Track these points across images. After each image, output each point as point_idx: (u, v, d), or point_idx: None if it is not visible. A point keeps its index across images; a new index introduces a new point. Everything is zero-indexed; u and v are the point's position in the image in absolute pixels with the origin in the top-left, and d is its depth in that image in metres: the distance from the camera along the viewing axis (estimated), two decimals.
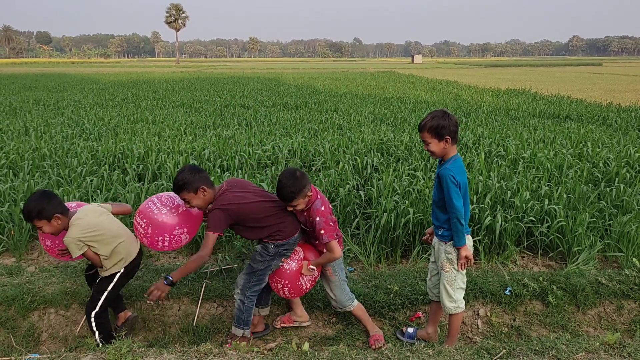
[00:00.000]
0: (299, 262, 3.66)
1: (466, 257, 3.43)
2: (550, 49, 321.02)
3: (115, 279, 3.58)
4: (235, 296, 3.68)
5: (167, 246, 3.62)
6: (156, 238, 3.56)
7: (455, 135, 3.33)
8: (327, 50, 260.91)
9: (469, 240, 3.51)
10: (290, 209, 3.48)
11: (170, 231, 3.55)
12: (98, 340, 3.56)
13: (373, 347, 3.75)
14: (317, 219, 3.45)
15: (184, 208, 3.59)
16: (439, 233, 3.52)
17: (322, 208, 3.48)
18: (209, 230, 3.35)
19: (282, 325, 4.02)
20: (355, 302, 3.84)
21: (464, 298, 3.62)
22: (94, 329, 3.57)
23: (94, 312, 3.54)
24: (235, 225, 3.54)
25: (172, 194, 3.60)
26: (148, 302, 3.31)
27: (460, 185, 3.32)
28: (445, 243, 3.50)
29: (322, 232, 3.46)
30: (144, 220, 3.56)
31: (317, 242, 3.64)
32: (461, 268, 3.48)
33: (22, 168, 6.97)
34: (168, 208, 3.58)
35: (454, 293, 3.54)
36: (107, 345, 3.02)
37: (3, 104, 15.64)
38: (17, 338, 3.87)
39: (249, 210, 3.46)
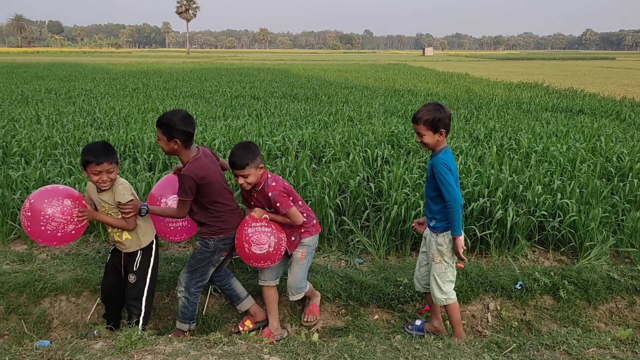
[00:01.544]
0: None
1: (459, 250, 3.41)
2: (564, 43, 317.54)
3: (154, 250, 3.60)
4: (178, 294, 3.66)
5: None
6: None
7: (449, 128, 3.38)
8: (337, 42, 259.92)
9: (447, 237, 3.50)
10: (241, 181, 3.51)
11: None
12: (141, 323, 3.58)
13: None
14: (270, 194, 3.56)
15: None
16: (431, 224, 3.52)
17: (274, 184, 3.59)
18: (180, 197, 3.41)
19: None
20: (302, 294, 3.87)
21: (455, 290, 3.62)
22: (143, 311, 3.58)
23: (145, 289, 3.56)
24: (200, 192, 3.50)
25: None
26: (121, 209, 3.36)
27: (453, 173, 3.34)
28: (437, 234, 3.48)
29: (278, 204, 3.56)
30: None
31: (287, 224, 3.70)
32: (461, 257, 3.46)
33: (34, 156, 7.01)
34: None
35: (443, 285, 3.53)
36: (117, 333, 3.04)
37: (15, 92, 15.75)
38: (28, 324, 3.91)
39: (212, 183, 3.49)
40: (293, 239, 3.76)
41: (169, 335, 3.36)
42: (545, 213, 5.10)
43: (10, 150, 7.34)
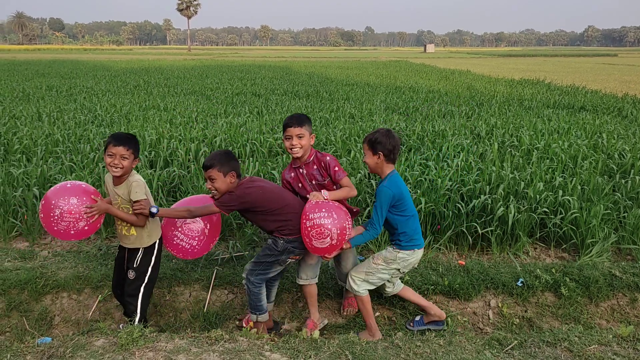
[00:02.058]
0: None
1: (328, 255, 3.47)
2: (565, 39, 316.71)
3: (156, 250, 3.60)
4: (243, 281, 3.68)
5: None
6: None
7: (390, 155, 3.44)
8: (338, 39, 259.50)
9: (421, 254, 3.62)
10: (295, 142, 3.50)
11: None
12: (137, 320, 3.57)
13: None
14: (327, 158, 3.56)
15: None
16: (394, 241, 3.60)
17: (329, 157, 3.59)
18: (217, 203, 3.42)
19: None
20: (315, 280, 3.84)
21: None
22: (138, 309, 3.57)
23: (142, 287, 3.57)
24: (246, 213, 3.54)
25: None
26: (133, 206, 3.36)
27: (399, 199, 3.42)
28: (393, 248, 3.57)
29: (337, 169, 3.54)
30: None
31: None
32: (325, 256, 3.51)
33: (36, 153, 7.01)
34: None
35: (362, 280, 3.59)
36: (119, 330, 3.04)
37: (17, 89, 15.75)
38: (30, 321, 3.92)
39: (265, 198, 3.46)
40: None
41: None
42: (546, 210, 5.09)
43: (12, 147, 7.35)
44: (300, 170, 3.65)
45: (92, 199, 3.37)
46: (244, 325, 3.77)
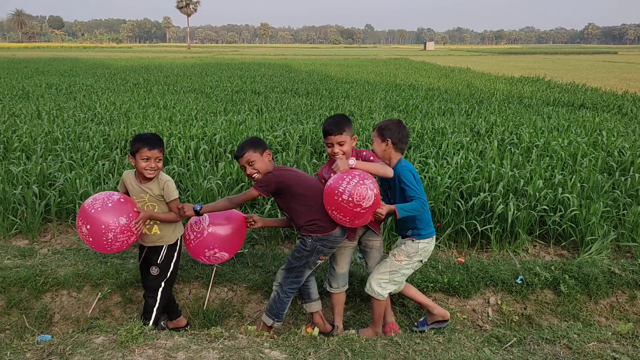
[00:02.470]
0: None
1: (380, 214, 3.35)
2: (565, 37, 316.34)
3: (178, 247, 3.61)
4: (274, 287, 3.59)
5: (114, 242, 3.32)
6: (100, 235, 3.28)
7: (399, 143, 3.44)
8: (338, 37, 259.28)
9: (428, 244, 3.55)
10: (337, 149, 3.42)
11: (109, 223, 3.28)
12: (154, 314, 3.58)
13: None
14: (364, 153, 3.51)
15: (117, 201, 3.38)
16: (407, 234, 3.57)
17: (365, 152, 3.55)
18: (255, 185, 3.38)
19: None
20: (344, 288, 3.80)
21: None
22: (156, 306, 3.57)
23: (164, 282, 3.57)
24: (281, 195, 3.46)
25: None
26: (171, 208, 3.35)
27: (413, 174, 3.41)
28: (413, 240, 3.52)
29: (372, 158, 3.47)
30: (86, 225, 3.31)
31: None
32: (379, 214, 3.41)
33: (35, 151, 7.01)
34: (100, 202, 3.34)
35: (388, 282, 3.55)
36: (118, 327, 3.05)
37: (16, 87, 15.74)
38: (30, 319, 3.92)
39: (300, 180, 3.45)
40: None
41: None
42: (546, 207, 5.09)
43: (11, 145, 7.35)
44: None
45: (135, 212, 3.35)
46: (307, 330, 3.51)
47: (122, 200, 3.36)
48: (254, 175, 3.41)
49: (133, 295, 4.13)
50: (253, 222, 3.71)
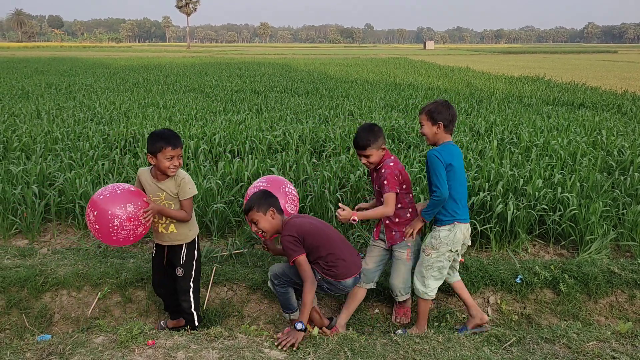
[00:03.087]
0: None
1: (413, 230, 3.54)
2: (565, 36, 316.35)
3: (197, 244, 3.61)
4: (269, 283, 3.61)
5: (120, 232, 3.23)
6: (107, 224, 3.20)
7: (449, 125, 3.44)
8: (338, 36, 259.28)
9: (466, 229, 3.55)
10: (364, 160, 3.55)
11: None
12: (196, 322, 3.60)
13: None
14: (383, 170, 3.54)
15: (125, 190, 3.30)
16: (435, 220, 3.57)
17: (392, 164, 3.55)
18: (292, 257, 3.25)
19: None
20: (409, 294, 3.82)
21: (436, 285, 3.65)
22: (192, 306, 3.59)
23: (192, 281, 3.58)
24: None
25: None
26: (280, 348, 2.97)
27: (447, 166, 3.38)
28: (439, 229, 3.52)
29: (385, 182, 3.49)
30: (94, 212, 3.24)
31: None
32: (404, 235, 3.58)
33: (35, 151, 7.01)
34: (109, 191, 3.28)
35: (427, 279, 3.56)
36: (118, 327, 3.05)
37: (16, 87, 15.73)
38: (29, 319, 3.92)
39: (314, 231, 3.38)
40: (393, 233, 3.67)
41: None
42: (545, 207, 5.09)
43: (11, 145, 7.35)
44: (373, 172, 3.71)
45: (144, 202, 3.28)
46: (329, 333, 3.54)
47: (132, 189, 3.32)
48: (260, 234, 3.42)
49: (133, 295, 4.13)
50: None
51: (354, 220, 3.48)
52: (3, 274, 4.09)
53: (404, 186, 3.60)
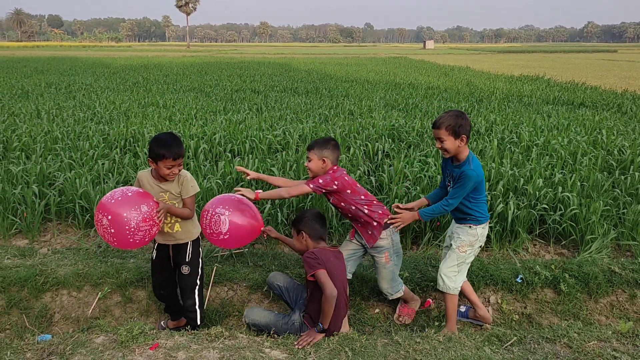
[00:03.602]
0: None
1: (402, 223, 3.54)
2: (565, 35, 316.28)
3: (200, 241, 3.62)
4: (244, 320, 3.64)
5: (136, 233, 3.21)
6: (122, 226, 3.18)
7: (469, 135, 3.42)
8: (338, 36, 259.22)
9: (484, 229, 3.59)
10: (306, 163, 3.60)
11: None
12: (199, 320, 3.62)
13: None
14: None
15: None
16: (470, 218, 3.57)
17: (332, 172, 3.55)
18: (315, 270, 3.23)
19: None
20: (401, 292, 3.84)
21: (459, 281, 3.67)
22: (197, 305, 3.61)
23: (198, 279, 3.60)
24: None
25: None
26: (298, 347, 2.97)
27: (480, 182, 3.43)
28: (470, 227, 3.54)
29: (316, 178, 3.53)
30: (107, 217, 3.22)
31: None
32: (393, 224, 3.56)
33: (35, 151, 7.01)
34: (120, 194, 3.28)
35: (458, 274, 3.60)
36: (118, 327, 3.05)
37: (15, 87, 15.72)
38: (30, 319, 3.92)
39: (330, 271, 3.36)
40: (369, 233, 3.65)
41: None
42: (546, 206, 5.09)
43: (11, 144, 7.34)
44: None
45: (155, 203, 3.28)
46: None
47: (140, 191, 3.33)
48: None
49: (133, 294, 4.13)
50: (267, 233, 3.75)
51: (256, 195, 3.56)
52: (3, 274, 4.09)
53: (348, 191, 3.56)
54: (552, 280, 4.19)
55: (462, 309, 3.96)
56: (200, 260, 3.62)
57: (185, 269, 3.55)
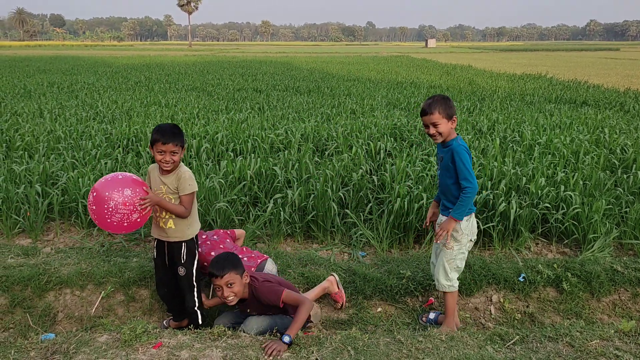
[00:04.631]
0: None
1: (446, 232, 3.43)
2: (567, 34, 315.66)
3: (196, 243, 3.63)
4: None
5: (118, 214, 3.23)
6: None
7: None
8: (339, 34, 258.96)
9: (468, 222, 3.54)
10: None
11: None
12: (200, 319, 3.63)
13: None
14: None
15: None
16: (446, 212, 3.54)
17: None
18: (282, 293, 3.33)
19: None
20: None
21: (458, 280, 3.65)
22: (196, 304, 3.62)
23: (195, 280, 3.60)
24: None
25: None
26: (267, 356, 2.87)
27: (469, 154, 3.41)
28: (460, 221, 3.49)
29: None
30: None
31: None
32: (437, 238, 3.47)
33: (38, 150, 7.03)
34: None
35: (450, 272, 3.56)
36: (122, 326, 3.06)
37: (18, 86, 15.75)
38: (33, 318, 3.93)
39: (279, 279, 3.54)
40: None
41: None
42: (548, 205, 5.09)
43: (14, 144, 7.36)
44: None
45: (144, 191, 3.31)
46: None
47: (134, 177, 3.36)
48: (230, 298, 3.32)
49: (136, 293, 4.14)
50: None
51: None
52: (7, 273, 4.11)
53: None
54: (555, 279, 4.19)
55: (432, 315, 3.89)
56: (195, 262, 3.61)
57: (181, 270, 3.56)
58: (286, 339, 2.94)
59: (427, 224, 3.85)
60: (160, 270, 3.68)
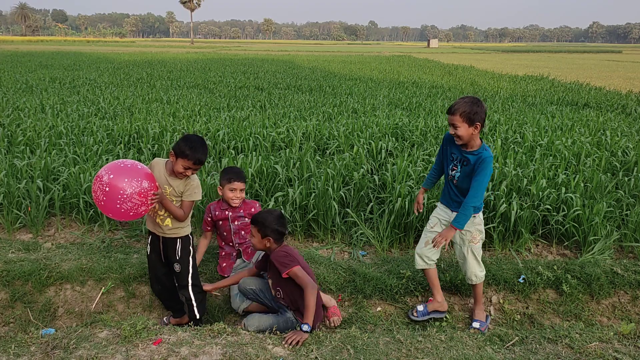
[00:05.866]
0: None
1: (446, 239, 3.43)
2: (570, 35, 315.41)
3: (192, 241, 3.65)
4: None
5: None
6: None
7: (484, 123, 3.39)
8: (342, 33, 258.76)
9: (481, 214, 3.64)
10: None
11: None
12: (197, 314, 3.62)
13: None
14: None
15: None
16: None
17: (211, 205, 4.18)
18: (290, 268, 3.34)
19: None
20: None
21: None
22: (193, 301, 3.62)
23: (190, 277, 3.61)
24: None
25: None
26: (286, 345, 2.98)
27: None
28: (474, 216, 3.54)
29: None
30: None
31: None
32: (437, 245, 3.48)
33: (39, 145, 7.03)
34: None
35: (481, 262, 3.71)
36: (122, 322, 3.06)
37: (20, 81, 15.75)
38: (33, 313, 3.94)
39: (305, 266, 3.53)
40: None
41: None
42: (549, 207, 5.09)
43: (15, 139, 7.36)
44: None
45: (156, 187, 3.31)
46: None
47: (149, 172, 3.35)
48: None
49: (136, 289, 4.14)
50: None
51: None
52: (7, 268, 4.11)
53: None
54: (554, 280, 4.19)
55: (420, 307, 3.88)
56: (190, 258, 3.62)
57: (177, 267, 3.58)
58: (305, 327, 3.05)
59: (420, 209, 3.99)
60: (155, 266, 3.69)
